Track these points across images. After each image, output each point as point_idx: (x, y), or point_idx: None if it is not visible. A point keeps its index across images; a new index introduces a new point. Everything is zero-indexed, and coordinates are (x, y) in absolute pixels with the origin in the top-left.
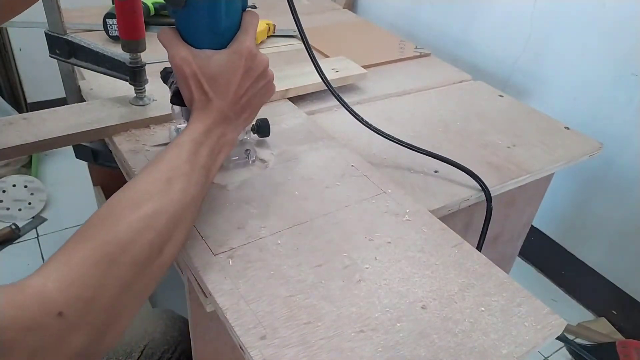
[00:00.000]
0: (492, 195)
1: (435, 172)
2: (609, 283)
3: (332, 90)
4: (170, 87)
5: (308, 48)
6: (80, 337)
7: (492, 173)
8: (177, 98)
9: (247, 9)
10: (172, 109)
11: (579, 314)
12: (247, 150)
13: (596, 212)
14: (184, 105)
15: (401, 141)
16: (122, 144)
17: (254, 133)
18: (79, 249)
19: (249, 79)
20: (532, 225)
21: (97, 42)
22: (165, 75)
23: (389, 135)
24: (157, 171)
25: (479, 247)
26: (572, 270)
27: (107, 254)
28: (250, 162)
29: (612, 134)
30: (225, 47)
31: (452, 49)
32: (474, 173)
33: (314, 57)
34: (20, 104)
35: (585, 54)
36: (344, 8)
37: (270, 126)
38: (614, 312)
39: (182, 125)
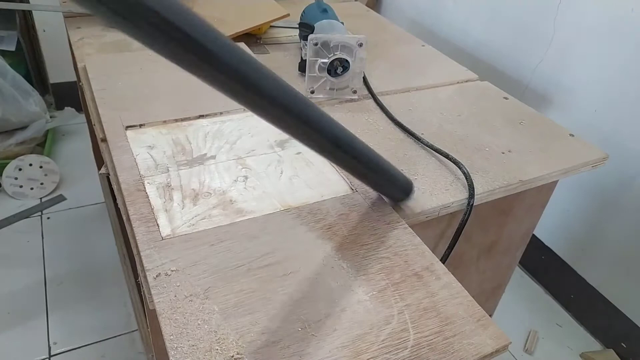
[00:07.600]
0: (481, 202)
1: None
2: (621, 314)
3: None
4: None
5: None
6: None
7: (478, 179)
8: None
9: None
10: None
11: (585, 342)
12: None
13: (613, 236)
14: None
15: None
16: None
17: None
18: None
19: None
20: (543, 244)
21: (98, 25)
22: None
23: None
24: None
25: (454, 241)
26: (582, 295)
27: None
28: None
29: (633, 151)
30: None
31: (472, 49)
32: (462, 166)
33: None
34: (46, 84)
35: (609, 64)
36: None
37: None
38: (624, 345)
39: None
